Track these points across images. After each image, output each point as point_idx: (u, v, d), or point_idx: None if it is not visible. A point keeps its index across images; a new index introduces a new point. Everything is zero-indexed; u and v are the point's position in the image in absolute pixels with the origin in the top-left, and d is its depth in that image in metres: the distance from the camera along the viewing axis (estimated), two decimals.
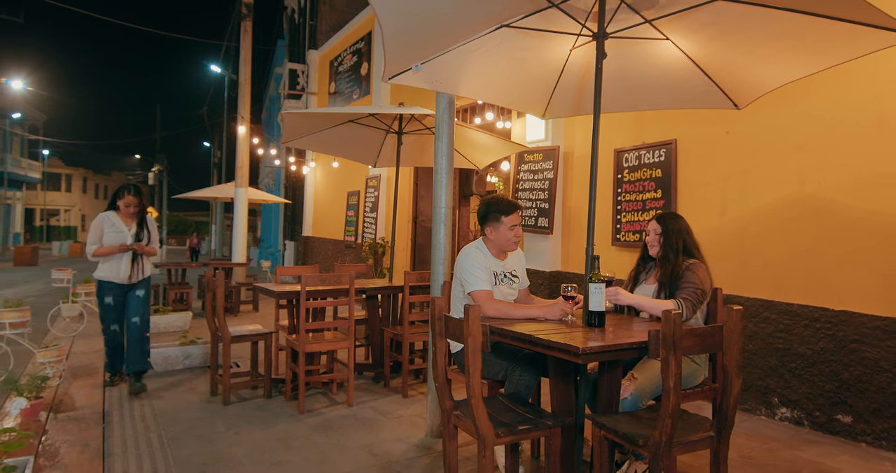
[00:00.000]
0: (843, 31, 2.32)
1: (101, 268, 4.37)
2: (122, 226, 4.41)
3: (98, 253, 4.32)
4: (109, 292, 4.33)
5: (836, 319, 3.45)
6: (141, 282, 4.49)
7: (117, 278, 4.34)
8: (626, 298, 2.70)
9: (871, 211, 3.33)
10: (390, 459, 3.04)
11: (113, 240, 4.32)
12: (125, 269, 4.37)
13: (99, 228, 4.35)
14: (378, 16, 2.38)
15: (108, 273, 4.34)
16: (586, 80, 3.33)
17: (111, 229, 4.35)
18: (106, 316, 4.36)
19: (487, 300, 2.72)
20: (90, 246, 4.32)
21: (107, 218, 4.39)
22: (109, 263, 4.33)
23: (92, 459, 2.98)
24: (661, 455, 1.92)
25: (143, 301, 4.50)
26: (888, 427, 3.21)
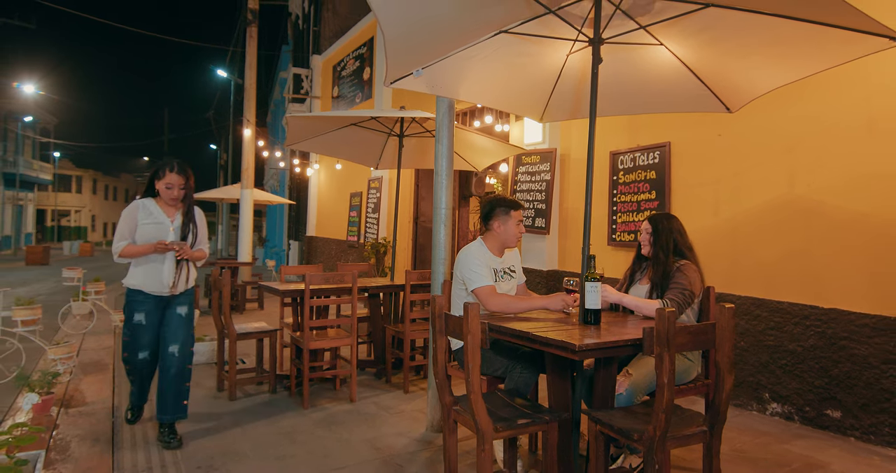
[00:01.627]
0: (832, 37, 2.32)
1: (132, 274, 3.17)
2: (161, 216, 3.20)
3: (128, 253, 3.10)
4: (141, 306, 3.16)
5: (825, 317, 3.45)
6: (184, 295, 3.29)
7: (154, 287, 3.15)
8: (614, 296, 2.74)
9: (860, 212, 3.33)
10: (392, 453, 3.04)
11: (149, 236, 3.14)
12: (167, 276, 3.17)
13: (131, 219, 3.14)
14: (380, 22, 2.38)
15: (142, 280, 3.15)
16: (583, 85, 3.33)
17: (147, 220, 3.16)
18: (134, 339, 3.17)
19: (491, 295, 2.73)
20: (117, 243, 3.12)
21: (142, 206, 3.18)
22: (145, 267, 3.15)
23: (102, 453, 2.98)
24: (656, 449, 1.92)
25: (186, 322, 3.28)
26: (876, 422, 3.21)
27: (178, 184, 3.19)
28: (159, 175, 3.20)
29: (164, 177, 3.17)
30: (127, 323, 3.22)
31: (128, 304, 3.21)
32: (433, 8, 2.42)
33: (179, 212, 3.28)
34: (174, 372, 3.17)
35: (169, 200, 3.21)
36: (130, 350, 3.23)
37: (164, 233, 3.18)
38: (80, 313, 7.12)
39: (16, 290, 9.77)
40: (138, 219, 3.15)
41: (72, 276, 7.18)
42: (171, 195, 3.19)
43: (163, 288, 3.18)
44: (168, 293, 3.20)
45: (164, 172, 3.18)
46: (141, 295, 3.17)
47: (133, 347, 3.20)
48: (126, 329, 3.23)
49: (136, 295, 3.18)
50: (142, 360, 3.23)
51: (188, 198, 3.27)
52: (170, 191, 3.18)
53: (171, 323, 3.24)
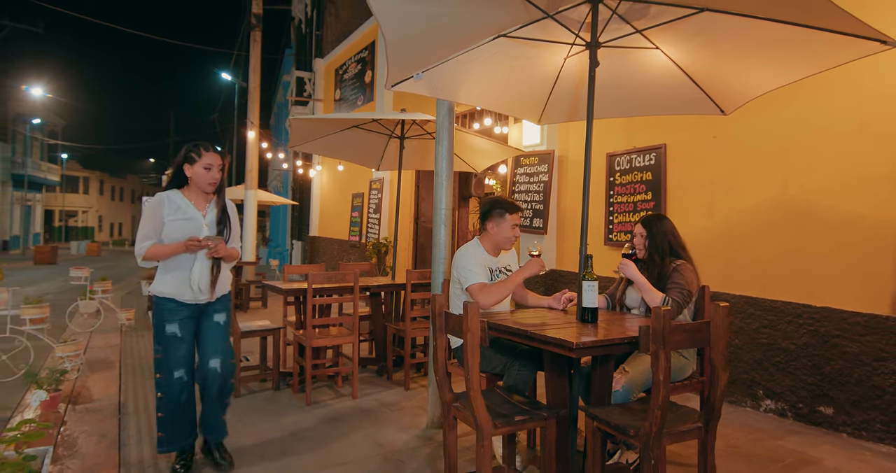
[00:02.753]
0: (825, 40, 2.32)
1: (160, 280, 2.67)
2: (191, 209, 2.67)
3: (154, 255, 2.61)
4: (174, 316, 2.64)
5: (818, 315, 3.45)
6: (220, 302, 2.80)
7: (188, 294, 2.65)
8: (631, 272, 2.75)
9: (852, 212, 3.33)
10: (393, 448, 3.04)
11: (179, 234, 2.61)
12: (202, 279, 2.66)
13: (155, 216, 2.62)
14: (381, 26, 2.38)
15: (174, 286, 2.64)
16: (580, 88, 3.33)
17: (175, 215, 2.63)
18: (169, 355, 2.63)
19: (481, 291, 2.75)
20: (141, 244, 2.61)
21: (167, 200, 2.65)
22: (176, 272, 2.64)
23: (108, 448, 2.98)
24: (652, 445, 1.92)
25: (226, 331, 2.82)
26: (867, 419, 3.21)
27: (217, 165, 2.68)
28: (192, 157, 2.65)
29: (202, 158, 2.64)
30: (158, 337, 2.65)
31: (157, 315, 2.66)
32: (433, 12, 2.42)
33: (212, 204, 2.75)
34: (216, 390, 2.72)
35: (207, 185, 2.67)
36: (164, 369, 2.63)
37: (196, 229, 2.65)
38: (87, 311, 7.12)
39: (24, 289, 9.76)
40: (164, 215, 2.62)
41: (79, 276, 7.18)
42: (210, 178, 2.66)
43: (198, 295, 2.66)
44: (204, 299, 2.69)
45: (199, 152, 2.65)
46: (173, 304, 2.64)
47: (167, 365, 2.63)
48: (157, 344, 2.65)
49: (166, 304, 2.64)
50: (178, 380, 2.64)
51: (222, 187, 2.78)
52: (209, 172, 2.65)
53: (208, 333, 2.74)
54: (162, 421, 2.67)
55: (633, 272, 2.75)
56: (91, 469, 2.73)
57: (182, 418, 2.69)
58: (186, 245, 2.57)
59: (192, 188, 2.71)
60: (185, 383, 2.67)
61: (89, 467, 2.75)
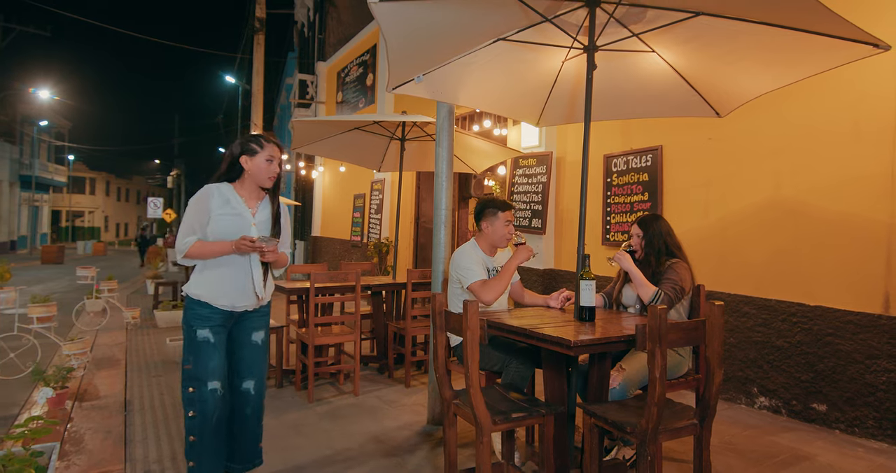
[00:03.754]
0: (819, 44, 2.32)
1: (197, 281, 2.34)
2: (242, 206, 2.36)
3: (198, 253, 2.29)
4: (206, 322, 2.31)
5: (811, 314, 3.45)
6: (259, 315, 2.49)
7: (227, 299, 2.33)
8: (627, 265, 2.77)
9: (845, 212, 3.33)
10: (394, 445, 3.04)
11: (227, 231, 2.30)
12: (249, 284, 2.36)
13: (202, 208, 2.31)
14: (383, 30, 2.38)
15: (211, 289, 2.32)
16: (578, 90, 3.33)
17: (224, 210, 2.32)
18: (201, 363, 2.27)
19: (482, 287, 2.77)
20: (184, 240, 2.30)
21: (217, 192, 2.34)
22: (217, 272, 2.32)
23: (114, 445, 2.98)
24: (648, 442, 1.92)
25: (264, 352, 2.52)
26: (860, 416, 3.21)
27: (277, 158, 2.40)
28: (253, 148, 2.35)
29: (265, 149, 2.35)
30: (188, 345, 2.30)
31: (188, 319, 2.32)
32: (434, 16, 2.42)
33: (264, 203, 2.44)
34: (250, 412, 2.45)
35: (267, 180, 2.39)
36: (196, 380, 2.25)
37: (245, 228, 2.33)
38: (94, 310, 7.13)
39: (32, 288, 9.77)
40: (212, 209, 2.29)
41: (85, 275, 7.17)
42: (271, 171, 2.38)
43: (242, 300, 2.36)
44: (243, 308, 2.39)
45: (261, 143, 2.37)
46: (207, 309, 2.31)
47: (199, 376, 2.26)
48: (187, 353, 2.29)
49: (200, 308, 2.31)
50: (213, 393, 2.26)
51: (278, 185, 2.47)
52: (270, 164, 2.36)
53: (244, 353, 2.44)
54: (195, 448, 2.26)
55: (628, 264, 2.77)
56: (97, 465, 2.73)
57: (219, 441, 2.32)
58: (237, 245, 2.24)
59: (245, 183, 2.40)
60: (219, 397, 2.28)
61: (95, 463, 2.75)
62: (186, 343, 2.33)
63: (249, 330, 2.46)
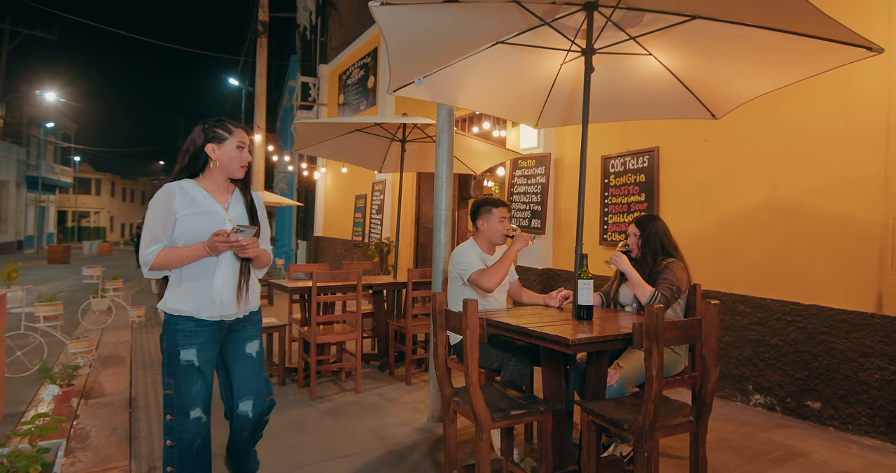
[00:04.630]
0: (813, 47, 2.32)
1: (175, 293, 2.01)
2: (210, 202, 2.03)
3: (165, 263, 1.95)
4: (191, 339, 1.98)
5: (805, 312, 3.45)
6: (251, 322, 2.16)
7: (211, 308, 2.00)
8: (624, 266, 2.78)
9: (839, 213, 3.33)
10: (395, 441, 3.04)
11: (198, 232, 1.97)
12: (227, 288, 2.02)
13: (165, 210, 1.97)
14: (384, 33, 2.38)
15: (193, 301, 1.99)
16: (576, 93, 3.33)
17: (191, 209, 1.99)
18: (183, 390, 1.97)
19: (481, 276, 2.82)
20: (148, 250, 1.95)
21: (179, 190, 1.99)
22: (194, 282, 2.00)
23: (119, 442, 2.98)
24: (645, 438, 1.92)
25: (259, 364, 2.17)
26: (854, 413, 3.21)
27: (247, 144, 2.09)
28: (220, 135, 2.02)
29: (233, 135, 2.04)
30: (169, 366, 1.97)
31: (169, 337, 1.99)
32: (434, 20, 2.42)
33: (235, 197, 2.12)
34: (246, 435, 2.14)
35: (238, 170, 2.06)
36: (176, 408, 1.95)
37: (218, 226, 2.00)
38: (99, 309, 7.12)
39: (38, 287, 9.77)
40: (176, 209, 1.96)
41: (91, 274, 7.18)
42: (243, 159, 2.05)
43: (223, 309, 2.02)
44: (231, 316, 2.06)
45: (228, 128, 2.04)
46: (190, 323, 1.97)
47: (180, 403, 1.95)
48: (167, 376, 1.97)
49: (181, 324, 1.97)
50: (195, 423, 1.97)
51: (249, 174, 2.13)
52: (242, 152, 2.05)
53: (237, 366, 2.10)
54: None
55: (625, 265, 2.78)
56: (102, 461, 2.73)
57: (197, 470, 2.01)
58: (211, 243, 1.92)
59: (211, 176, 2.06)
60: (202, 425, 1.99)
61: (101, 459, 2.75)
62: (167, 364, 1.98)
63: (243, 342, 2.12)
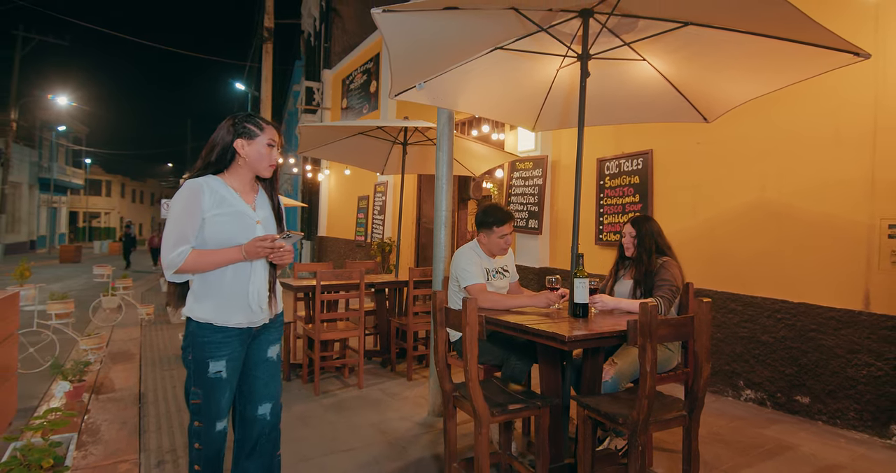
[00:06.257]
0: (802, 53, 2.32)
1: (201, 300, 1.82)
2: (239, 201, 1.86)
3: (193, 266, 1.77)
4: (221, 350, 1.82)
5: (795, 310, 3.45)
6: (275, 326, 2.03)
7: (243, 315, 1.85)
8: (611, 303, 2.58)
9: (827, 214, 3.33)
10: (396, 435, 3.04)
11: (228, 233, 1.80)
12: (264, 294, 1.90)
13: (192, 209, 1.77)
14: (386, 39, 2.38)
15: (224, 308, 1.82)
16: (572, 97, 3.33)
17: (220, 209, 1.80)
18: (213, 401, 1.84)
19: (481, 292, 2.73)
20: (174, 251, 1.74)
21: (207, 187, 1.80)
22: (224, 288, 1.82)
23: (129, 436, 2.98)
24: (639, 432, 1.92)
25: (278, 366, 2.05)
26: (842, 407, 3.21)
27: (278, 143, 1.92)
28: (251, 131, 1.85)
29: (265, 132, 1.87)
30: (198, 378, 1.82)
31: (197, 348, 1.81)
32: (434, 26, 2.42)
33: (260, 196, 1.95)
34: (266, 442, 1.98)
35: (267, 168, 1.89)
36: (206, 418, 1.85)
37: (249, 228, 1.84)
38: (110, 307, 7.12)
39: (50, 286, 9.77)
40: (204, 208, 1.77)
41: (102, 273, 7.18)
42: (272, 158, 1.89)
43: (256, 315, 1.88)
44: (259, 322, 1.91)
45: (259, 126, 1.87)
46: (220, 334, 1.81)
47: (208, 414, 1.84)
48: (196, 387, 1.83)
49: (210, 335, 1.81)
50: (221, 434, 1.89)
51: (276, 174, 1.96)
52: (272, 150, 1.89)
53: (258, 370, 1.95)
54: None
55: (611, 302, 2.58)
56: (113, 454, 2.73)
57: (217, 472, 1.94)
58: (252, 249, 1.77)
59: (238, 173, 1.88)
60: (225, 435, 1.91)
61: (111, 453, 2.75)
62: (194, 375, 1.83)
63: (266, 345, 1.98)
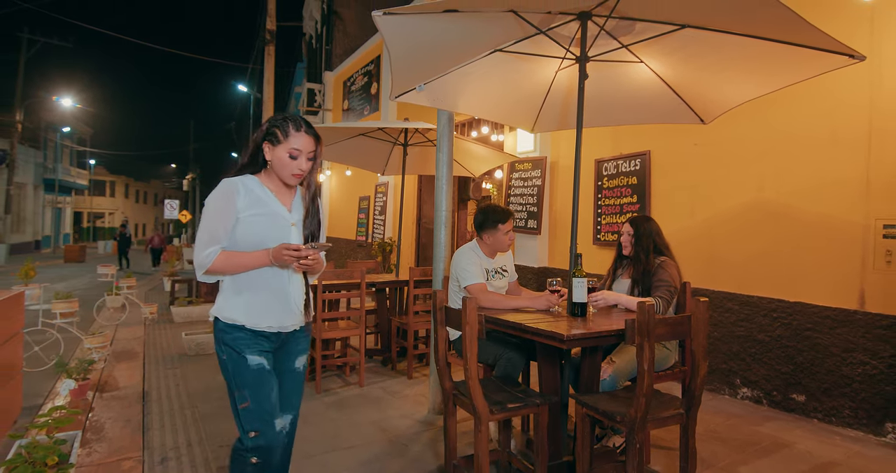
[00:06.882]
0: (798, 55, 2.32)
1: (232, 302, 1.75)
2: (274, 202, 1.79)
3: (222, 267, 1.70)
4: (258, 345, 1.74)
5: (791, 309, 3.45)
6: (304, 335, 1.92)
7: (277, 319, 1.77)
8: (612, 298, 2.58)
9: (823, 214, 3.33)
10: (397, 433, 3.04)
11: (261, 234, 1.74)
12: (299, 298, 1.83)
13: (227, 208, 1.71)
14: (386, 42, 2.38)
15: (255, 312, 1.74)
16: (570, 98, 3.33)
17: (255, 209, 1.74)
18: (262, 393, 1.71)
19: (482, 292, 2.72)
20: (206, 251, 1.69)
21: (243, 187, 1.74)
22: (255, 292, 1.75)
23: (133, 433, 2.98)
24: (637, 430, 1.92)
25: (303, 377, 1.93)
26: (837, 405, 3.21)
27: (307, 152, 1.76)
28: (275, 135, 1.74)
29: (289, 139, 1.73)
30: (238, 375, 1.69)
31: (229, 345, 1.71)
32: (434, 29, 2.42)
33: (297, 199, 1.86)
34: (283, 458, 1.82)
35: (289, 177, 1.77)
36: (260, 419, 1.68)
37: (283, 230, 1.78)
38: (114, 306, 7.13)
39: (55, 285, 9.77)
40: (239, 208, 1.71)
41: (106, 273, 7.19)
42: (294, 168, 1.75)
43: (289, 319, 1.80)
44: (289, 328, 1.81)
45: (287, 130, 1.74)
46: (248, 332, 1.73)
47: (261, 414, 1.68)
48: (239, 388, 1.69)
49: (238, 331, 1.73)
50: (279, 435, 1.74)
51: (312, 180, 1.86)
52: (295, 162, 1.75)
53: (284, 380, 1.84)
54: None
55: (613, 296, 2.58)
56: (117, 451, 2.73)
57: None
58: (279, 255, 1.68)
59: (271, 175, 1.81)
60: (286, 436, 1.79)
61: (115, 450, 2.75)
62: (234, 375, 1.69)
63: (294, 355, 1.87)
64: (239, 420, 1.71)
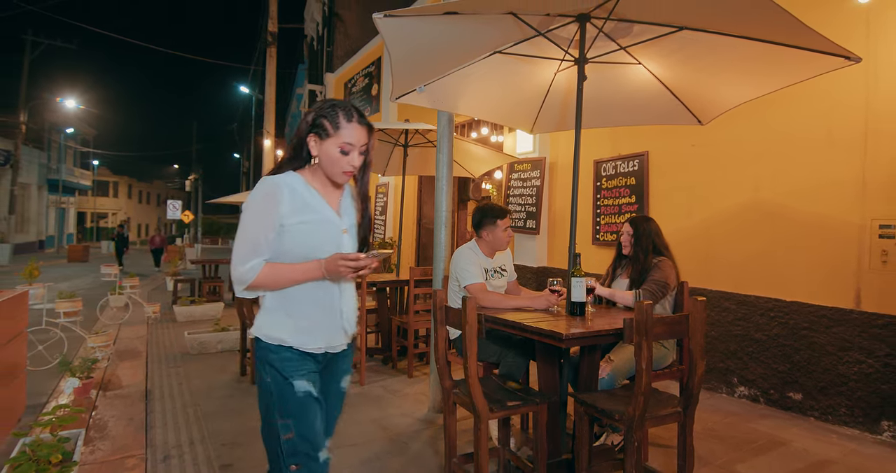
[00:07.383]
0: (795, 56, 2.32)
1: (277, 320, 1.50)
2: (323, 206, 1.53)
3: (268, 282, 1.46)
4: (304, 367, 1.50)
5: (787, 309, 3.45)
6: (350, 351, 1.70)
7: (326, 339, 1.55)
8: (600, 291, 2.78)
9: (819, 214, 3.33)
10: (397, 431, 3.04)
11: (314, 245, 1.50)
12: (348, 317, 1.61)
13: (270, 213, 1.45)
14: (387, 43, 2.38)
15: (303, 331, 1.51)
16: (569, 100, 3.33)
17: (302, 216, 1.48)
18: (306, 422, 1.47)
19: (481, 291, 2.73)
20: (248, 264, 1.43)
21: (289, 188, 1.48)
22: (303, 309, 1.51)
23: (136, 431, 2.98)
24: (635, 428, 1.92)
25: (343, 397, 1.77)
26: (833, 404, 3.21)
27: (359, 146, 1.52)
28: (324, 128, 1.48)
29: (340, 131, 1.48)
30: (283, 402, 1.47)
31: (273, 369, 1.48)
32: (435, 31, 2.42)
33: (345, 198, 1.64)
34: None
35: (339, 175, 1.53)
36: (302, 455, 1.47)
37: (335, 238, 1.55)
38: (117, 305, 7.13)
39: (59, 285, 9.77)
40: (283, 214, 1.46)
41: (109, 272, 7.18)
42: (345, 165, 1.52)
43: (338, 338, 1.59)
44: (337, 348, 1.60)
45: (337, 121, 1.48)
46: (295, 352, 1.50)
47: (305, 446, 1.47)
48: (282, 417, 1.46)
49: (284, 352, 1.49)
50: (325, 464, 1.53)
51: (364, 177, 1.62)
52: (346, 158, 1.51)
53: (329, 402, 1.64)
54: None
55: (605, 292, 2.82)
56: (120, 449, 2.73)
57: None
58: (334, 267, 1.46)
59: (317, 172, 1.55)
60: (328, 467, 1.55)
61: (118, 448, 2.75)
62: (277, 401, 1.47)
63: (340, 375, 1.68)
64: (279, 451, 1.46)
